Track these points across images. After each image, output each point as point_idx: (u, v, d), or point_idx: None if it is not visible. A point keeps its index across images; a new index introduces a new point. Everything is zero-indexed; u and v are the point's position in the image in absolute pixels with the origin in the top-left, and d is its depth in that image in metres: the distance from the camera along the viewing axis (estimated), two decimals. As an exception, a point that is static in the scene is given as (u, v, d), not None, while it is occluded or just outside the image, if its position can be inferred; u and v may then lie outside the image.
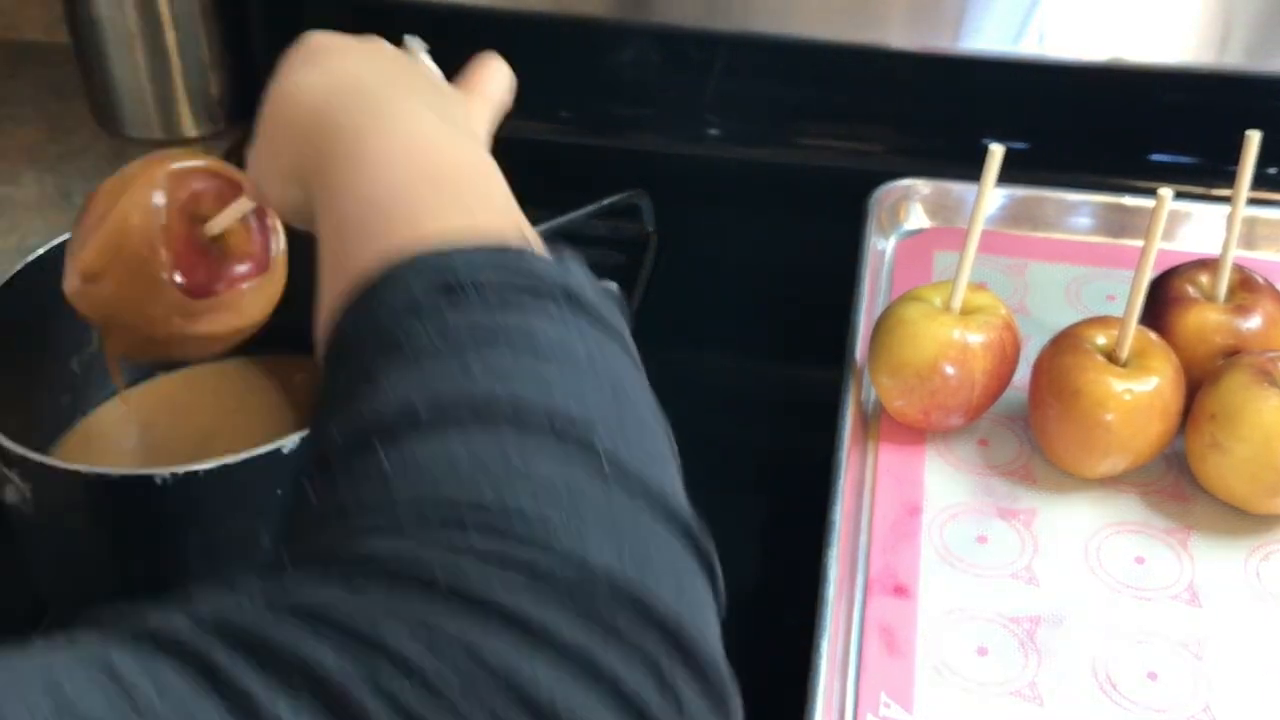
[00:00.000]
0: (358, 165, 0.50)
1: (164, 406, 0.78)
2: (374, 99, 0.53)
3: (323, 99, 0.54)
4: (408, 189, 0.48)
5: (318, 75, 0.56)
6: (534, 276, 0.44)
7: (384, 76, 0.56)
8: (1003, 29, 0.98)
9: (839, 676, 0.68)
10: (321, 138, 0.52)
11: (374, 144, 0.50)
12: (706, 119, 1.10)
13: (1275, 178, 0.99)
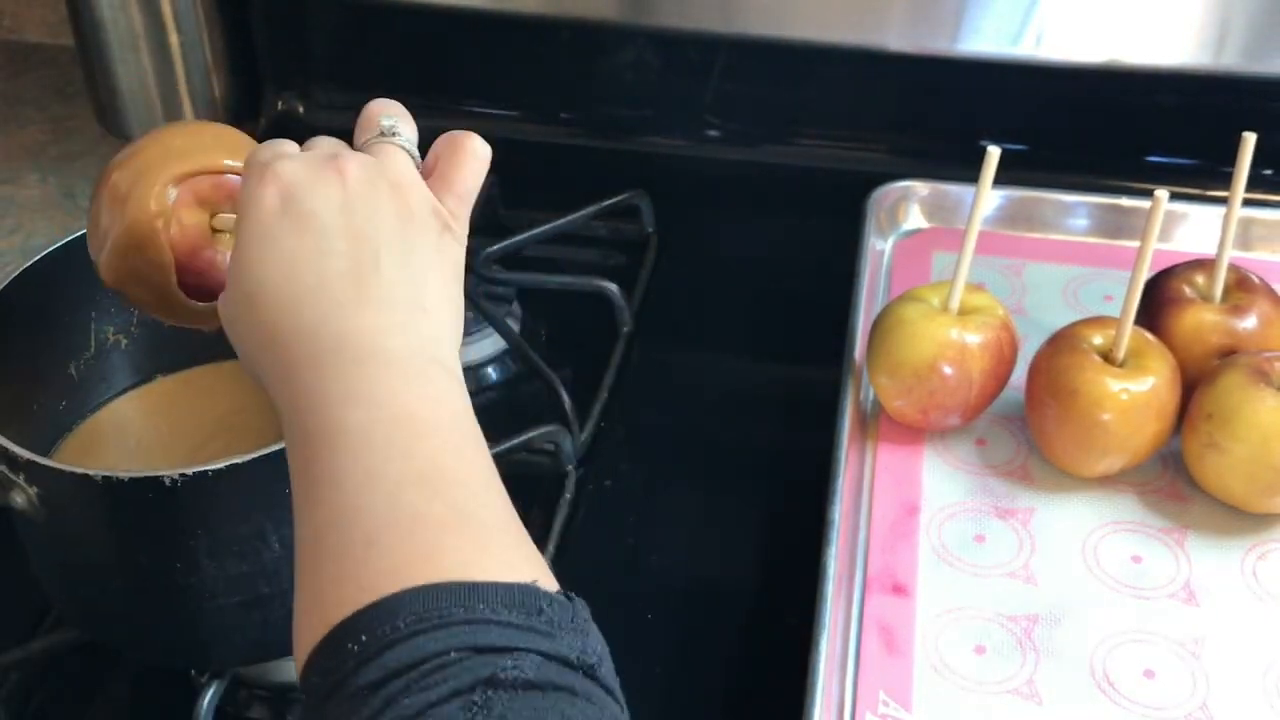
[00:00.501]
0: (333, 454, 0.47)
1: (163, 408, 0.78)
2: (339, 333, 0.50)
3: (282, 318, 0.51)
4: (393, 505, 0.46)
5: (273, 272, 0.51)
6: (556, 656, 0.45)
7: (345, 270, 0.51)
8: (1000, 31, 0.99)
9: (838, 675, 0.68)
10: (287, 372, 0.50)
11: (352, 419, 0.48)
12: (706, 120, 1.10)
13: (1271, 179, 0.99)
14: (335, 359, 0.49)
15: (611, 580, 0.80)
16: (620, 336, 0.94)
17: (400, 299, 0.51)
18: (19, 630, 0.76)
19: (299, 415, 0.49)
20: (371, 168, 0.53)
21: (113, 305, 0.75)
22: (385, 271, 0.51)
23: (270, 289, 0.51)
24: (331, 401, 0.49)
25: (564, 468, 0.84)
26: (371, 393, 0.49)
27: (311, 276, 0.51)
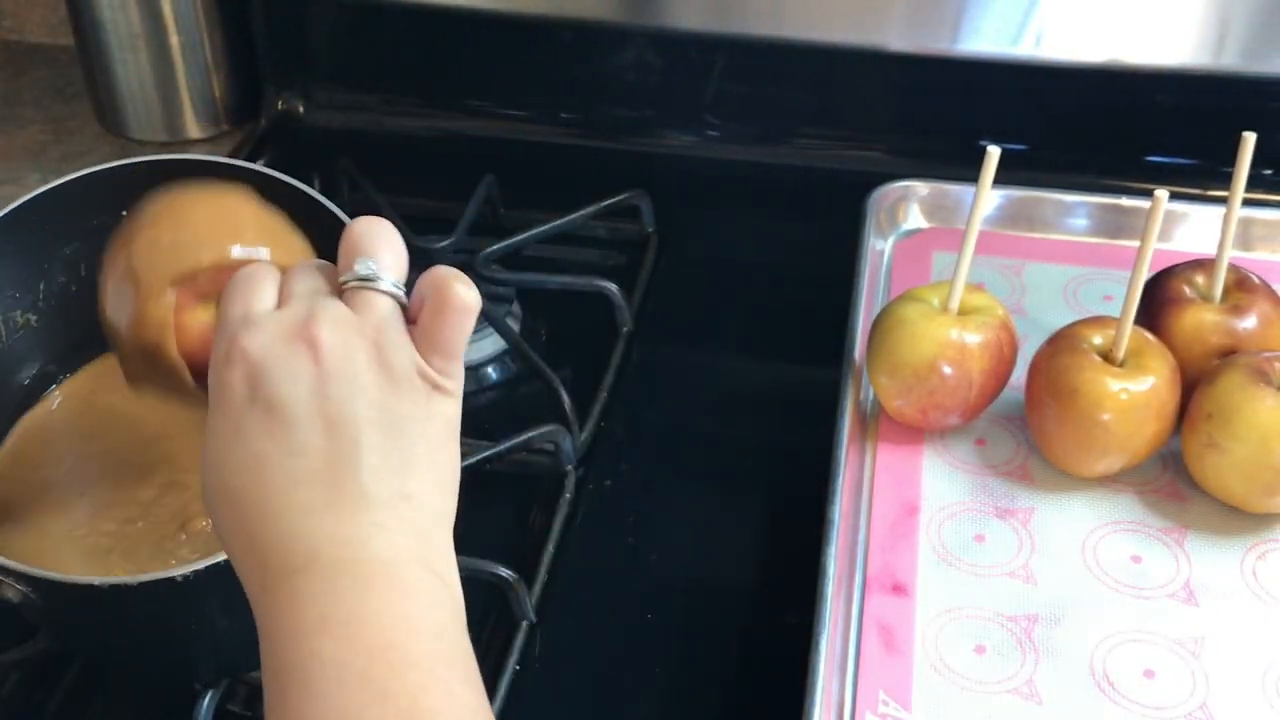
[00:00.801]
0: (303, 693, 0.44)
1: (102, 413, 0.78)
2: (310, 547, 0.46)
3: (256, 525, 0.47)
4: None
5: (243, 476, 0.48)
6: None
7: (318, 470, 0.47)
8: (1000, 31, 0.99)
9: (837, 674, 0.68)
10: (263, 585, 0.47)
11: (326, 651, 0.44)
12: (706, 120, 1.10)
13: (1270, 179, 0.99)
14: (307, 577, 0.46)
15: (611, 580, 0.80)
16: (620, 336, 0.94)
17: (382, 494, 0.48)
18: (19, 630, 0.76)
19: (271, 642, 0.46)
20: (348, 330, 0.49)
21: (16, 290, 0.73)
22: (365, 461, 0.48)
23: (241, 492, 0.48)
24: (304, 630, 0.45)
25: (564, 468, 0.84)
26: (347, 618, 0.45)
27: (282, 479, 0.47)
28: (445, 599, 0.48)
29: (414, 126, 1.14)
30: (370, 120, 1.14)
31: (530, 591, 0.77)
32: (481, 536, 0.81)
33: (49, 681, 0.75)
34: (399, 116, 1.14)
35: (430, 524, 0.49)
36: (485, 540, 0.81)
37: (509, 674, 0.73)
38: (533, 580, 0.78)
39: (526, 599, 0.76)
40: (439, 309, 0.50)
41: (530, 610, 0.76)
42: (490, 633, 0.77)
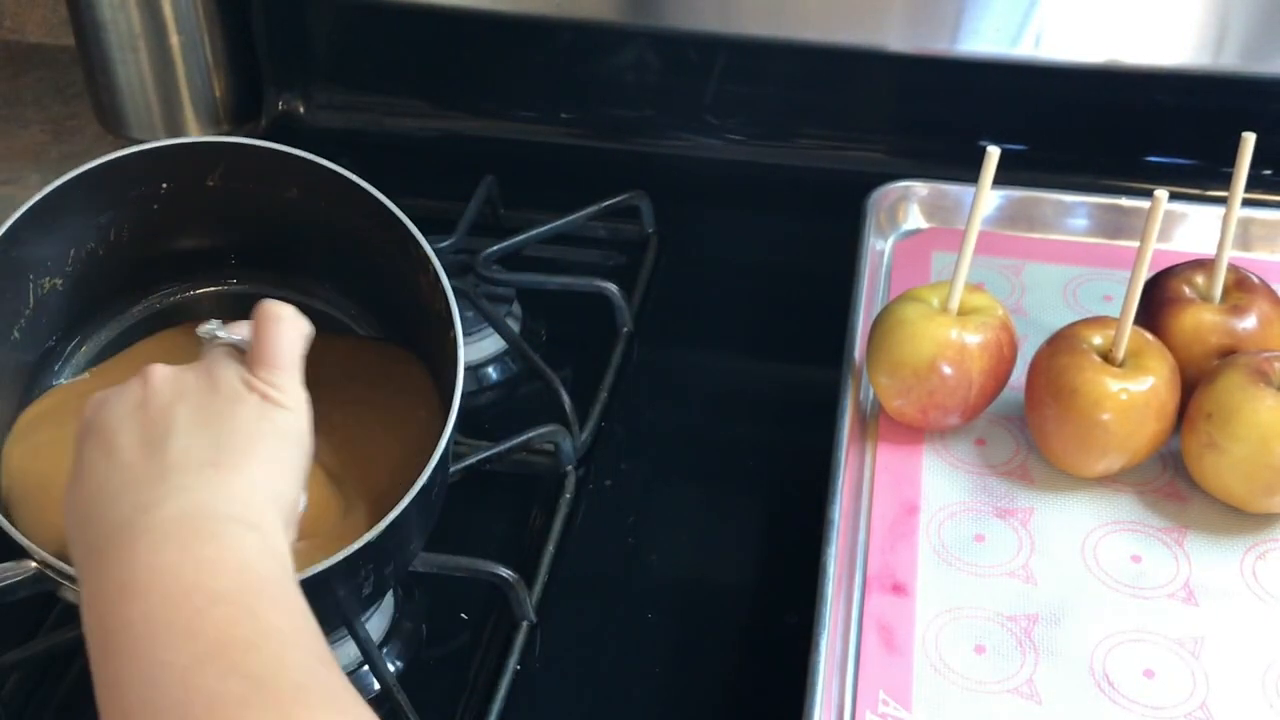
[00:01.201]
0: (119, 656, 0.47)
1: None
2: (116, 518, 0.50)
3: (77, 530, 0.51)
4: (186, 691, 0.45)
5: (75, 493, 0.53)
6: None
7: (130, 456, 0.52)
8: (1000, 31, 0.99)
9: (837, 674, 0.68)
10: (79, 576, 0.50)
11: (133, 612, 0.47)
12: (706, 120, 1.10)
13: (1270, 179, 0.99)
14: (113, 546, 0.49)
15: (611, 580, 0.80)
16: (620, 336, 0.94)
17: (190, 462, 0.51)
18: (19, 630, 0.76)
19: (86, 618, 0.48)
20: (182, 366, 0.56)
21: (49, 258, 0.74)
22: (173, 445, 0.52)
23: (78, 511, 0.52)
24: (110, 598, 0.47)
25: (564, 468, 0.84)
26: (149, 578, 0.47)
27: (102, 479, 0.51)
28: (255, 542, 0.50)
29: (414, 126, 1.14)
30: (370, 120, 1.14)
31: (530, 591, 0.77)
32: (481, 536, 0.81)
33: (49, 681, 0.75)
34: (399, 116, 1.14)
35: (255, 494, 0.52)
36: (485, 540, 0.81)
37: (509, 674, 0.73)
38: (533, 580, 0.78)
39: (526, 599, 0.76)
40: (258, 325, 0.57)
41: (530, 610, 0.76)
42: (490, 633, 0.77)
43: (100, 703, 0.47)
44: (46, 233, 0.72)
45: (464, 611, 0.78)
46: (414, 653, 0.76)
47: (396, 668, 0.75)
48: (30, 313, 0.75)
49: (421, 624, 0.78)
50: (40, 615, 0.77)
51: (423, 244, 0.71)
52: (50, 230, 0.72)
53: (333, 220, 0.73)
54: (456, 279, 0.93)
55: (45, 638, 0.74)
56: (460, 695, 0.74)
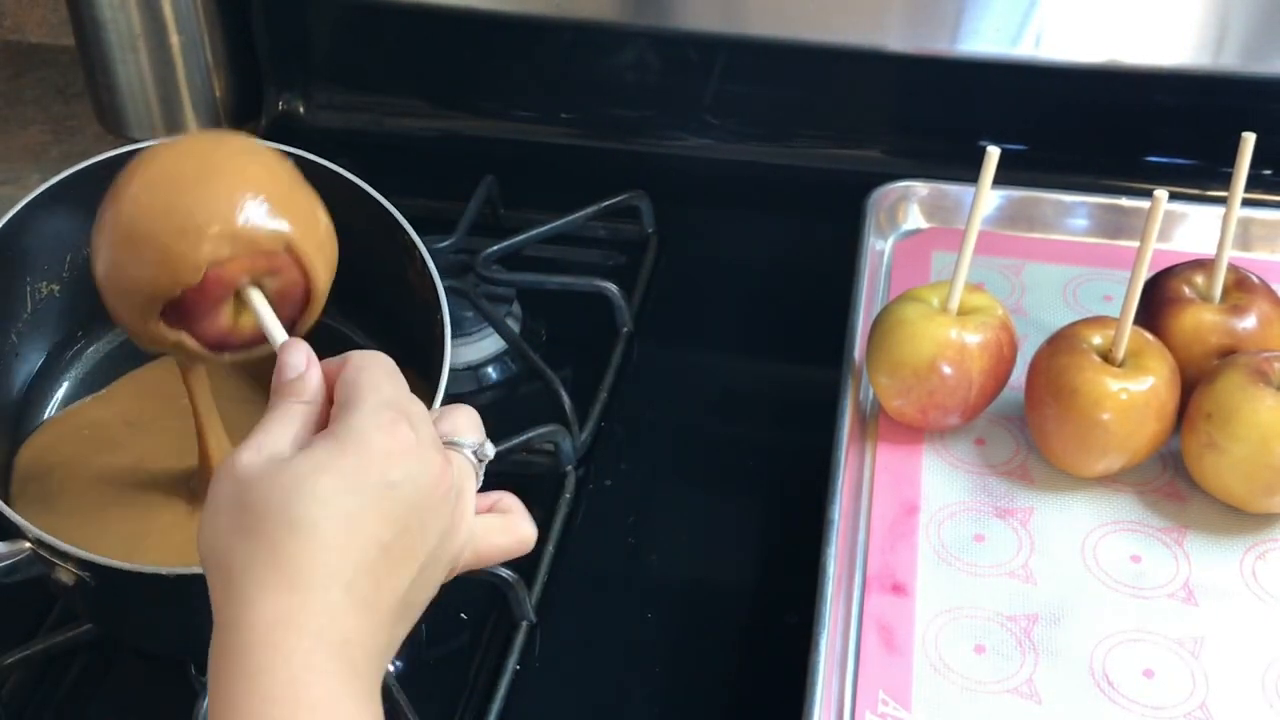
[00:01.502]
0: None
1: (149, 395, 0.78)
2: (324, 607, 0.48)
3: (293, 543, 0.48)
4: None
5: (236, 538, 0.49)
6: None
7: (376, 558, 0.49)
8: (1000, 31, 0.99)
9: (837, 674, 0.68)
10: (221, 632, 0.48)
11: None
12: (706, 120, 1.10)
13: (1270, 179, 0.99)
14: (314, 645, 0.47)
15: (611, 581, 0.80)
16: (620, 336, 0.94)
17: (391, 636, 0.51)
18: (19, 630, 0.76)
19: (216, 616, 0.48)
20: (455, 488, 0.53)
21: (45, 262, 0.74)
22: (401, 603, 0.51)
23: (322, 533, 0.48)
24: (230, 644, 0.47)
25: (564, 468, 0.84)
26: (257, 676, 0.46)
27: (360, 556, 0.49)
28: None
29: (414, 126, 1.14)
30: (370, 120, 1.14)
31: (530, 591, 0.77)
32: (482, 536, 0.81)
33: (49, 681, 0.75)
34: (399, 116, 1.14)
35: (384, 669, 0.52)
36: (485, 540, 0.81)
37: (509, 674, 0.73)
38: (533, 580, 0.78)
39: (526, 599, 0.76)
40: (508, 530, 0.56)
41: (530, 610, 0.76)
42: (490, 633, 0.77)
43: None
44: (42, 234, 0.72)
45: (464, 611, 0.78)
46: (414, 653, 0.76)
47: (396, 668, 0.75)
48: (29, 317, 0.75)
49: (421, 624, 0.77)
50: (40, 615, 0.77)
51: (408, 230, 0.71)
52: (46, 231, 0.72)
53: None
54: (456, 279, 0.93)
55: (45, 638, 0.75)
56: (460, 695, 0.74)
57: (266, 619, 0.47)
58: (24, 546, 0.62)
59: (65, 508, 0.71)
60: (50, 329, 0.77)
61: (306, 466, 0.49)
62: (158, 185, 0.60)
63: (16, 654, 0.73)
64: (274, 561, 0.48)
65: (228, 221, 0.59)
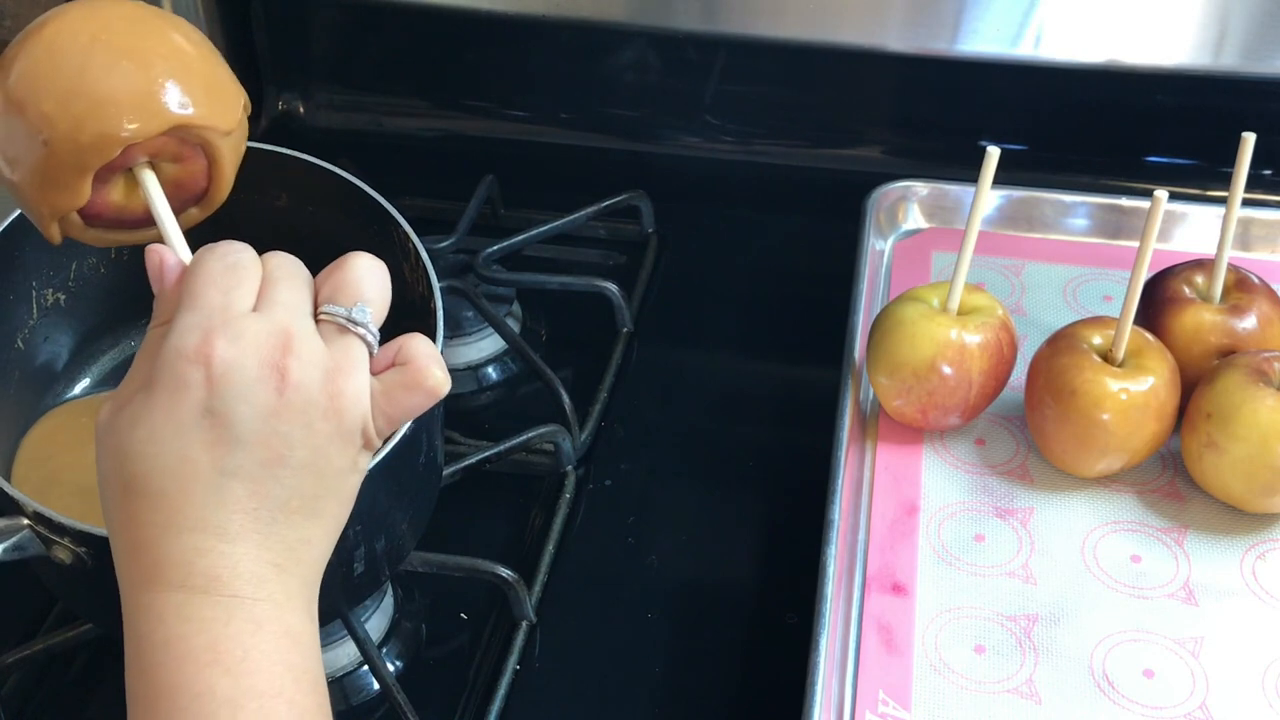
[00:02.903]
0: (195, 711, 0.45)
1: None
2: (211, 565, 0.46)
3: (155, 520, 0.47)
4: None
5: (162, 476, 0.46)
6: None
7: (240, 497, 0.47)
8: (1000, 31, 0.99)
9: (837, 674, 0.68)
10: (145, 577, 0.47)
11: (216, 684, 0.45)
12: (706, 120, 1.10)
13: (1270, 179, 0.99)
14: (204, 599, 0.46)
15: (611, 580, 0.80)
16: (620, 336, 0.94)
17: (289, 537, 0.48)
18: (19, 630, 0.77)
19: (150, 654, 0.46)
20: (317, 370, 0.48)
21: (50, 268, 0.74)
22: (286, 503, 0.48)
23: (157, 491, 0.46)
24: (195, 655, 0.46)
25: (564, 468, 0.84)
26: (242, 655, 0.46)
27: (204, 494, 0.46)
28: (317, 647, 0.48)
29: (414, 126, 1.14)
30: (370, 120, 1.14)
31: (530, 591, 0.77)
32: (481, 536, 0.81)
33: (49, 681, 0.75)
34: (399, 116, 1.14)
35: (316, 571, 0.50)
36: (485, 540, 0.81)
37: (509, 674, 0.73)
38: (533, 580, 0.78)
39: (526, 599, 0.76)
40: (411, 385, 0.50)
41: (530, 610, 0.76)
42: (490, 633, 0.77)
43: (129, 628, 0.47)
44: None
45: (464, 611, 0.78)
46: (414, 653, 0.76)
47: (396, 668, 0.75)
48: (34, 323, 0.75)
49: (421, 624, 0.78)
50: (40, 615, 0.77)
51: (402, 224, 0.71)
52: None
53: (319, 225, 0.73)
54: (456, 279, 0.93)
55: (45, 638, 0.74)
56: (460, 695, 0.74)
57: (132, 583, 0.47)
58: (21, 523, 0.61)
59: (64, 491, 0.71)
60: (57, 340, 0.77)
61: (126, 421, 0.47)
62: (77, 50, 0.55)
63: (16, 654, 0.73)
64: (122, 527, 0.47)
65: (148, 103, 0.55)
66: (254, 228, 0.64)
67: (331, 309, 0.50)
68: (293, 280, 0.50)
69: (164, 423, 0.46)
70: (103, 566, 0.62)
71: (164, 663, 0.45)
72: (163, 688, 0.45)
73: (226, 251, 0.50)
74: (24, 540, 0.61)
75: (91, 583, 0.65)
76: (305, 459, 0.48)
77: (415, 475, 0.68)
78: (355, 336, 0.50)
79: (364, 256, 0.51)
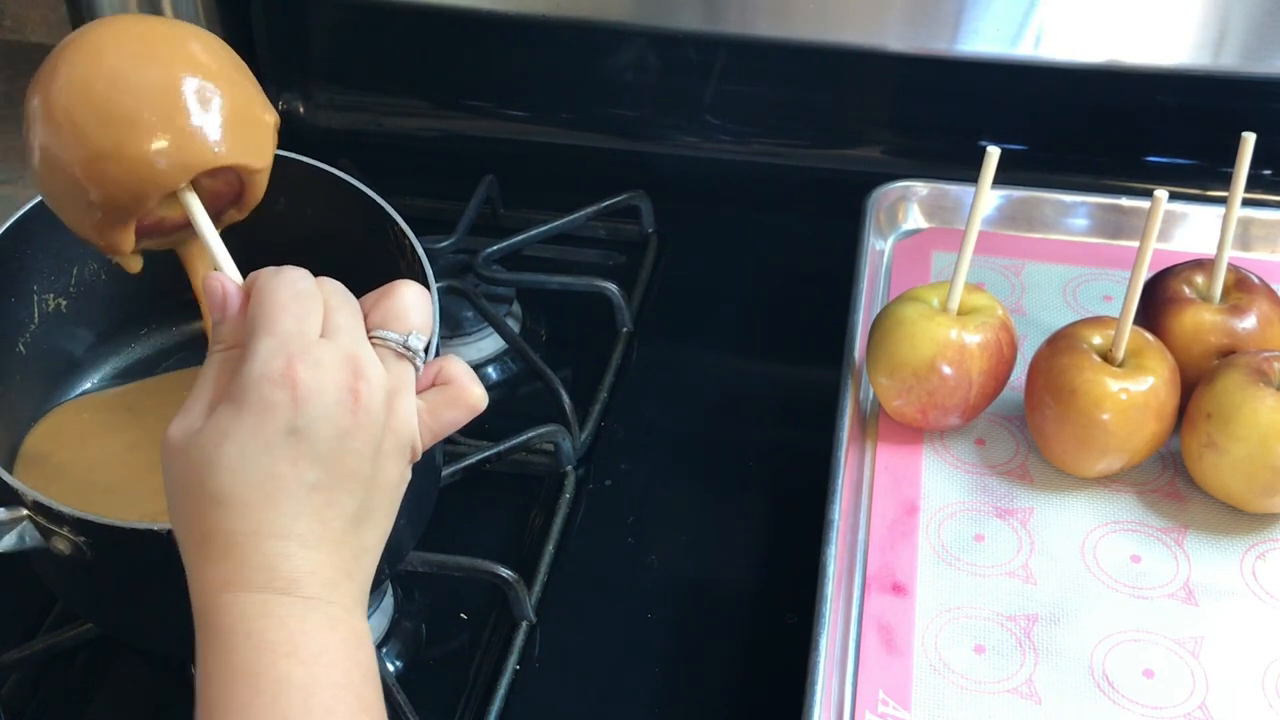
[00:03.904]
0: (272, 697, 0.48)
1: (154, 391, 0.78)
2: (293, 569, 0.50)
3: (241, 528, 0.50)
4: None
5: (247, 489, 0.50)
6: None
7: (321, 517, 0.51)
8: (1000, 31, 0.99)
9: (837, 674, 0.68)
10: (226, 578, 0.50)
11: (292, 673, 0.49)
12: (706, 120, 1.10)
13: (1270, 179, 0.99)
14: (286, 600, 0.50)
15: (611, 580, 0.80)
16: (620, 336, 0.94)
17: (353, 546, 0.52)
18: (19, 630, 0.77)
19: (231, 650, 0.50)
20: (380, 392, 0.52)
21: (50, 272, 0.74)
22: (353, 515, 0.52)
23: (242, 502, 0.50)
24: (273, 648, 0.49)
25: (564, 468, 0.84)
26: (318, 649, 0.49)
27: (289, 505, 0.50)
28: (374, 648, 0.53)
29: (414, 126, 1.14)
30: (370, 120, 1.14)
31: (530, 591, 0.77)
32: (481, 536, 0.81)
33: (49, 681, 0.75)
34: (399, 116, 1.14)
35: (371, 578, 0.54)
36: (485, 540, 0.81)
37: (509, 674, 0.73)
38: (533, 580, 0.78)
39: (526, 599, 0.76)
40: (454, 402, 0.55)
41: (530, 610, 0.76)
42: (490, 633, 0.77)
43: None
44: (46, 240, 0.72)
45: (464, 611, 0.78)
46: (414, 653, 0.76)
47: (396, 668, 0.75)
48: (35, 328, 0.75)
49: (421, 624, 0.78)
50: (40, 615, 0.77)
51: (398, 221, 0.71)
52: (52, 237, 0.72)
53: (318, 225, 0.73)
54: (456, 279, 0.93)
55: (45, 637, 0.75)
56: (460, 695, 0.74)
57: (213, 585, 0.50)
58: (21, 513, 0.61)
59: (63, 488, 0.71)
60: (59, 345, 0.77)
61: (212, 438, 0.50)
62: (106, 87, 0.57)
63: (16, 654, 0.73)
64: (205, 535, 0.50)
65: (181, 154, 0.57)
66: (257, 231, 0.65)
67: (385, 334, 0.54)
68: (348, 306, 0.54)
69: (252, 439, 0.50)
70: (101, 557, 0.62)
71: (245, 652, 0.49)
72: (241, 673, 0.49)
73: (293, 279, 0.53)
74: (24, 531, 0.62)
75: (91, 575, 0.65)
76: (370, 473, 0.52)
77: (414, 473, 0.68)
78: (408, 361, 0.54)
79: (412, 285, 0.55)
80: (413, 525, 0.70)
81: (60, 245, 0.74)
